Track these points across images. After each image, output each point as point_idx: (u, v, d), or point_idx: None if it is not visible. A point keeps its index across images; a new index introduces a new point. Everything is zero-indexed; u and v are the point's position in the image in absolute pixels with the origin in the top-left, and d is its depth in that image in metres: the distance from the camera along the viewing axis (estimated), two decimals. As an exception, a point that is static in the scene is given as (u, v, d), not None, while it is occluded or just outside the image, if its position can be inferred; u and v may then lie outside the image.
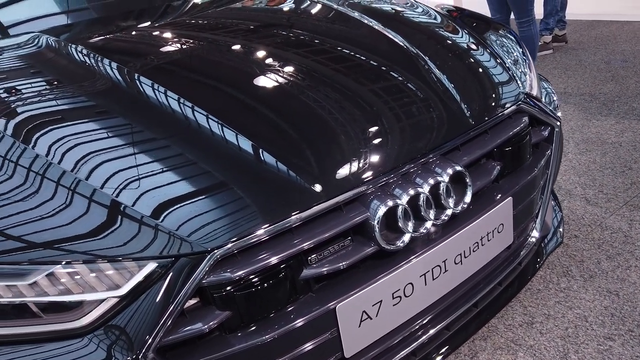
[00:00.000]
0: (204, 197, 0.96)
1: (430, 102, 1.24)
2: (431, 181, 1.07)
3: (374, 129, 1.12)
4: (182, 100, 1.17)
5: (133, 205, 0.94)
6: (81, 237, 0.90)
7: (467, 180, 1.12)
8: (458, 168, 1.11)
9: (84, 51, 1.52)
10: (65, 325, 0.86)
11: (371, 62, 1.40)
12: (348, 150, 1.06)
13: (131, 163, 1.04)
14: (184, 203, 0.95)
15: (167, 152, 1.07)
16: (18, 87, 1.44)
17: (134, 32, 1.76)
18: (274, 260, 0.92)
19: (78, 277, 0.86)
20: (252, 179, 1.00)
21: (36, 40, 1.72)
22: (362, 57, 1.42)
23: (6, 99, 1.33)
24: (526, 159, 1.33)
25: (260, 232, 0.91)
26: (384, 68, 1.36)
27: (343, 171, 1.02)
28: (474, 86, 1.36)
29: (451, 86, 1.30)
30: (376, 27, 1.58)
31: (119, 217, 0.93)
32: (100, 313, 0.86)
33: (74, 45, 1.58)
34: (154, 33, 1.73)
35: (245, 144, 1.05)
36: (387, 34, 1.54)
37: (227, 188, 0.98)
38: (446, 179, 1.08)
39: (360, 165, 1.04)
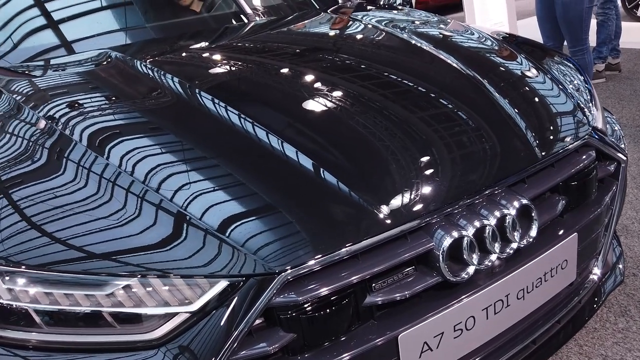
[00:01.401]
0: (273, 217, 0.98)
1: (498, 132, 1.23)
2: (497, 213, 1.05)
3: (441, 157, 1.12)
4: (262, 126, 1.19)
5: (205, 222, 0.96)
6: (156, 251, 0.93)
7: (533, 214, 1.10)
8: (524, 201, 1.09)
9: (150, 67, 1.59)
10: (137, 336, 0.89)
11: (437, 88, 1.40)
12: (415, 179, 1.06)
13: (198, 177, 1.08)
14: (254, 222, 0.97)
15: (234, 169, 1.09)
16: (87, 99, 1.52)
17: (195, 52, 1.83)
18: (340, 285, 0.92)
19: (152, 290, 0.89)
20: (320, 202, 1.01)
21: (106, 56, 1.81)
22: (428, 84, 1.42)
23: (79, 109, 1.40)
24: (592, 194, 1.29)
25: (328, 256, 0.92)
26: (449, 95, 1.36)
27: (410, 199, 1.02)
28: (540, 116, 1.34)
29: (517, 116, 1.29)
30: (439, 55, 1.59)
31: (192, 232, 0.95)
32: (172, 327, 0.88)
33: (139, 62, 1.66)
34: (215, 53, 1.79)
35: (312, 166, 1.07)
36: (450, 61, 1.54)
37: (297, 209, 0.99)
38: (513, 212, 1.07)
39: (427, 194, 1.04)
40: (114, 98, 1.49)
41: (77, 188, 1.08)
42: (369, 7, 2.40)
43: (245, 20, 2.14)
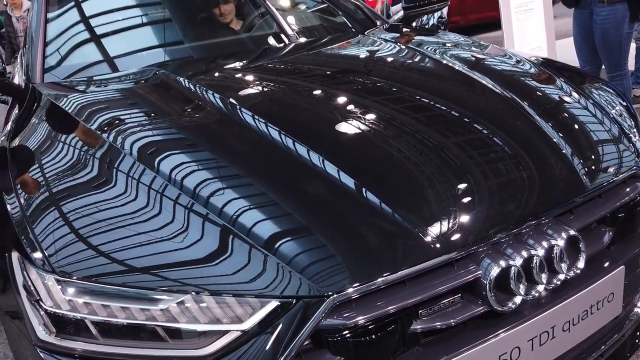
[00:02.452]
0: (323, 238, 0.99)
1: (545, 160, 1.22)
2: (545, 244, 1.05)
3: (488, 184, 1.13)
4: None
5: (255, 240, 0.98)
6: (207, 267, 0.96)
7: (581, 246, 1.09)
8: (572, 232, 1.08)
9: (197, 85, 1.65)
10: (188, 352, 0.91)
11: (483, 113, 1.40)
12: (463, 206, 1.07)
13: (247, 194, 1.11)
14: (303, 243, 0.99)
15: (281, 187, 1.12)
16: (135, 114, 1.58)
17: (240, 72, 1.88)
18: (387, 310, 0.93)
19: (205, 307, 0.91)
20: (369, 225, 1.02)
21: (152, 73, 1.87)
22: (473, 109, 1.42)
23: (128, 124, 1.45)
24: (638, 226, 1.27)
25: (377, 280, 0.93)
26: (495, 119, 1.36)
27: (458, 227, 1.02)
28: (585, 144, 1.33)
29: (563, 144, 1.28)
30: (482, 80, 1.59)
31: (244, 250, 0.97)
32: (223, 344, 0.90)
33: (185, 79, 1.71)
34: (258, 73, 1.83)
35: (357, 188, 1.09)
36: (495, 89, 1.54)
37: (346, 232, 1.01)
38: (561, 243, 1.06)
39: (475, 221, 1.04)
40: (159, 114, 1.54)
41: (128, 201, 1.13)
42: (404, 30, 2.42)
43: (286, 41, 2.18)
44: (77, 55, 2.08)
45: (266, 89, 1.66)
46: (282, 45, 2.16)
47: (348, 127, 1.31)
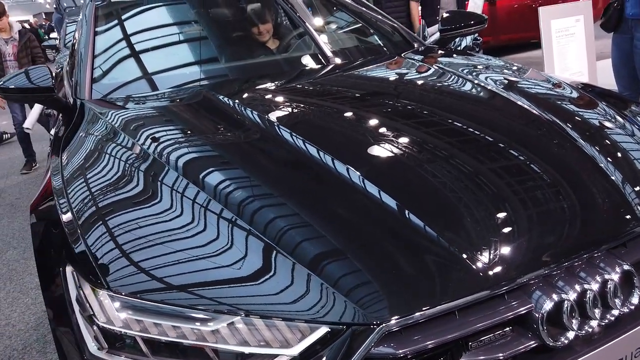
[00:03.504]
0: (371, 265, 0.99)
1: (595, 189, 1.20)
2: (598, 278, 1.02)
3: (539, 214, 1.10)
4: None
5: (306, 264, 0.99)
6: (259, 290, 0.96)
7: (635, 281, 1.06)
8: (626, 267, 1.05)
9: (237, 102, 1.68)
10: (237, 375, 0.91)
11: (531, 139, 1.39)
12: (516, 237, 1.05)
13: (289, 212, 1.12)
14: (352, 269, 0.98)
15: (328, 210, 1.12)
16: (177, 130, 1.61)
17: (277, 91, 1.91)
18: (436, 341, 0.91)
19: (255, 330, 0.92)
20: (419, 252, 1.01)
21: (196, 91, 1.92)
22: (517, 136, 1.41)
23: (177, 137, 1.49)
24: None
25: (427, 311, 0.92)
26: (542, 147, 1.34)
27: (510, 257, 1.01)
28: (635, 172, 1.30)
29: (612, 170, 1.25)
30: (525, 105, 1.58)
31: (294, 275, 0.98)
32: (272, 370, 0.90)
33: (228, 98, 1.75)
34: (299, 94, 1.86)
35: (404, 212, 1.08)
36: (538, 112, 1.52)
37: (397, 258, 1.00)
38: (615, 277, 1.03)
39: (527, 253, 1.02)
40: (203, 130, 1.57)
41: (175, 216, 1.15)
42: (440, 52, 2.43)
43: (325, 62, 2.21)
44: (122, 73, 2.15)
45: (309, 110, 1.68)
46: (320, 66, 2.19)
47: (389, 150, 1.31)
